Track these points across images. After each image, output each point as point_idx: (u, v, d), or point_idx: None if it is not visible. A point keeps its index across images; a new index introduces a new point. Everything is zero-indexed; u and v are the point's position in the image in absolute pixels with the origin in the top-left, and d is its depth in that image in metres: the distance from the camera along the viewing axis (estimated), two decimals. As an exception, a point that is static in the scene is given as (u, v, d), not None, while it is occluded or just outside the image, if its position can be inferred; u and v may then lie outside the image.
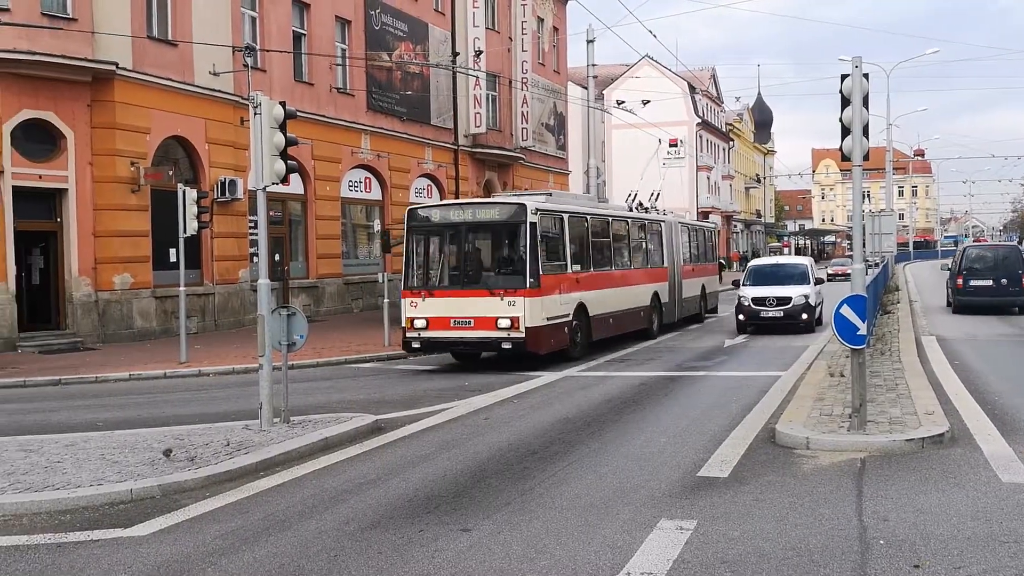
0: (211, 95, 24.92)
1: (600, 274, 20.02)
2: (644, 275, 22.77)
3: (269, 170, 11.20)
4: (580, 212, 19.73)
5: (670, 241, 24.70)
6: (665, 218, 25.23)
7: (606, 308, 19.98)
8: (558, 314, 17.69)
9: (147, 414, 13.21)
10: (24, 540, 7.11)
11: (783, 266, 25.15)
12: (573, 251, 18.60)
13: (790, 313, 22.66)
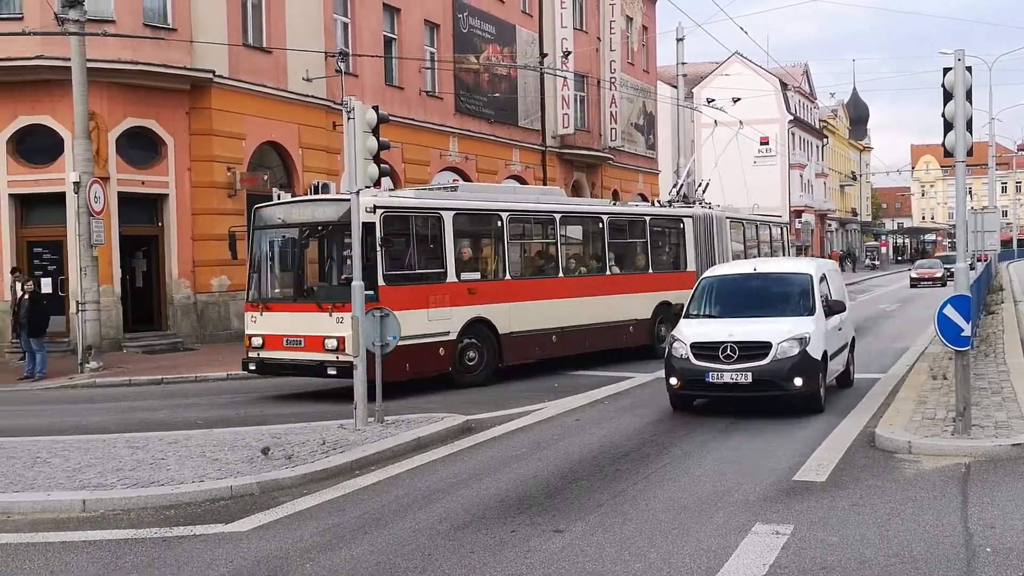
0: (304, 101, 25.41)
1: (526, 283, 16.82)
2: (639, 281, 19.18)
3: (362, 173, 11.37)
4: (479, 209, 16.42)
5: (700, 240, 20.95)
6: (691, 212, 21.14)
7: (538, 324, 16.64)
8: (424, 332, 14.53)
9: (244, 413, 13.52)
10: (132, 534, 7.35)
11: (767, 278, 13.65)
12: (464, 256, 15.84)
13: (767, 375, 11.65)
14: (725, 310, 12.84)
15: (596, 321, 17.90)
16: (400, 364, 13.95)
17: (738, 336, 11.75)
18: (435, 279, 15.05)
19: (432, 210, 15.24)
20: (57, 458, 9.71)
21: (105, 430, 11.77)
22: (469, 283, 15.53)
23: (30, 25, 19.76)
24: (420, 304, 14.60)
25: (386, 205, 14.32)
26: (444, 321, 14.99)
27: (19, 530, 7.58)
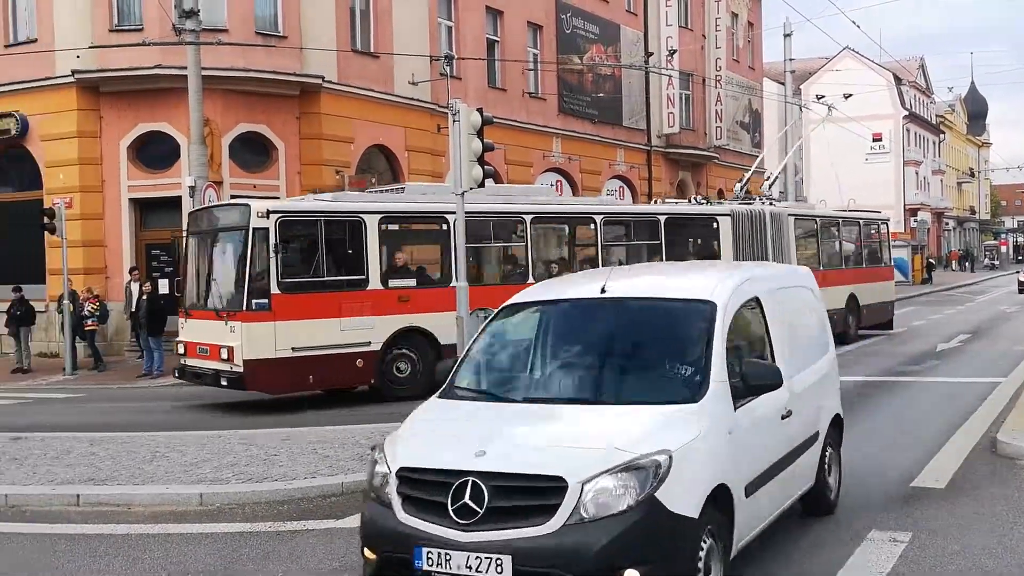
0: (410, 104, 25.75)
1: (481, 289, 14.69)
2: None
3: (467, 175, 11.48)
4: (418, 212, 15.46)
5: (742, 240, 18.96)
6: (728, 209, 19.19)
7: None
8: (334, 342, 13.85)
9: (349, 411, 13.72)
10: (247, 527, 7.56)
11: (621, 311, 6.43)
12: (398, 261, 15.09)
13: (546, 562, 4.84)
14: (512, 383, 6.46)
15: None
16: (301, 375, 13.70)
17: (496, 459, 5.16)
18: (352, 287, 14.21)
19: (350, 214, 14.39)
20: (175, 453, 10.04)
21: (219, 427, 12.11)
22: (400, 290, 14.54)
23: (150, 36, 20.49)
24: (328, 313, 13.84)
25: (282, 210, 13.83)
26: (363, 331, 14.09)
27: (140, 521, 7.87)
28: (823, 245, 21.73)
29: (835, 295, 20.35)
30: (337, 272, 14.27)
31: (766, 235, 19.52)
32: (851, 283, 21.57)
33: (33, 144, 22.74)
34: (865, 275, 22.63)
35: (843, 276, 21.53)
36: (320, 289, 13.94)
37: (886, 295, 23.57)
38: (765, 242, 19.44)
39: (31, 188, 22.96)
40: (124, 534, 7.49)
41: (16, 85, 22.54)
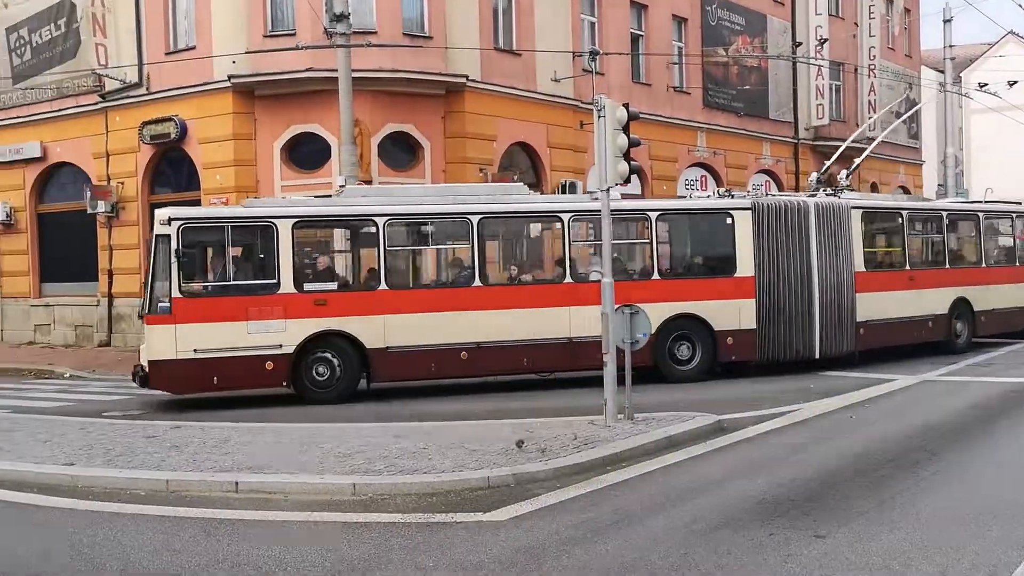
0: (552, 101, 25.77)
1: (413, 293, 15.29)
2: (635, 289, 15.15)
3: (613, 171, 11.40)
4: (339, 216, 15.53)
5: (771, 238, 16.38)
6: (747, 203, 16.64)
7: (436, 339, 14.89)
8: (242, 345, 14.01)
9: (492, 406, 13.79)
10: (398, 518, 7.71)
11: None
12: (320, 265, 15.24)
13: None
14: None
15: (543, 337, 15.26)
16: (205, 376, 13.99)
17: None
18: (261, 290, 14.33)
19: (260, 219, 14.47)
20: (327, 443, 10.34)
21: (364, 419, 12.41)
22: (317, 294, 14.45)
23: (302, 40, 21.14)
24: (234, 317, 14.05)
25: (184, 217, 14.16)
26: (273, 334, 14.17)
27: (295, 509, 8.12)
28: (911, 242, 19.13)
29: (931, 299, 18.64)
30: (245, 276, 14.56)
31: (807, 233, 16.69)
32: (958, 285, 19.28)
33: (191, 147, 23.79)
34: (983, 275, 19.91)
35: (945, 277, 19.12)
36: (225, 293, 14.30)
37: (1010, 300, 20.43)
38: (806, 241, 16.67)
39: (189, 189, 24.02)
40: (282, 521, 7.75)
41: (176, 91, 23.62)
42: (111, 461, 9.76)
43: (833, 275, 16.85)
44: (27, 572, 6.56)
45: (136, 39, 24.37)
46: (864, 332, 17.23)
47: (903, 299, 18.12)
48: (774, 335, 16.34)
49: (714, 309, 15.98)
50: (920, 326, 18.42)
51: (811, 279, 16.59)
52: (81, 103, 25.49)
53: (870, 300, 17.34)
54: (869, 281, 17.48)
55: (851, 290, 17.04)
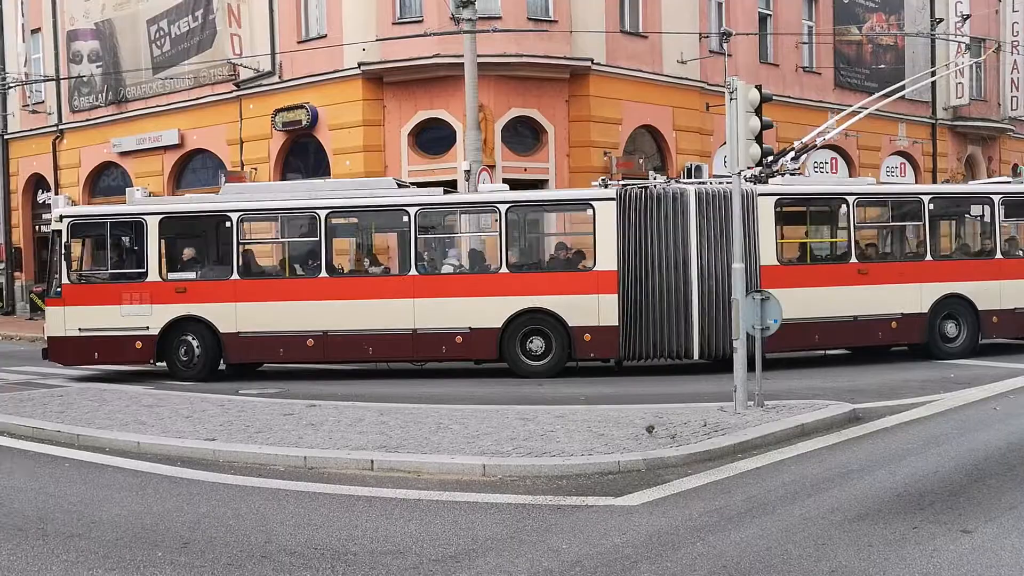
0: (678, 83, 25.44)
1: (265, 282, 16.28)
2: (478, 283, 15.89)
3: (744, 154, 11.19)
4: (199, 211, 16.64)
5: (632, 233, 15.35)
6: (610, 193, 15.51)
7: (284, 326, 15.72)
8: (115, 326, 15.83)
9: (622, 391, 13.84)
10: (528, 500, 7.76)
11: None
12: (185, 256, 16.60)
13: None
14: None
15: (387, 327, 15.62)
16: (88, 351, 16.14)
17: None
18: (132, 279, 16.09)
19: (132, 216, 16.39)
20: (457, 424, 10.47)
21: (494, 401, 12.51)
22: (178, 282, 16.04)
23: (429, 27, 21.42)
24: (111, 301, 15.99)
25: (72, 214, 16.65)
26: (142, 317, 15.87)
27: (428, 488, 8.26)
28: (862, 232, 16.84)
29: (896, 295, 16.10)
30: (120, 266, 16.43)
31: (686, 223, 15.33)
32: (948, 279, 16.39)
33: (322, 133, 24.39)
34: (990, 269, 16.77)
35: (923, 271, 16.36)
36: (103, 280, 16.41)
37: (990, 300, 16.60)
38: (684, 233, 15.32)
39: (319, 175, 24.62)
40: (415, 499, 7.89)
41: (307, 79, 24.27)
42: (251, 437, 10.11)
43: (723, 269, 14.94)
44: (177, 542, 6.85)
45: (269, 29, 25.10)
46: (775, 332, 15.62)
47: (845, 296, 15.86)
48: (641, 333, 15.34)
49: (568, 304, 15.38)
50: (876, 327, 16.04)
51: (688, 273, 15.29)
52: (217, 92, 26.42)
53: (784, 297, 14.13)
54: (785, 276, 15.52)
55: (755, 285, 14.82)
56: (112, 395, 13.69)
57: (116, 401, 12.99)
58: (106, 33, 29.27)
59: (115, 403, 12.79)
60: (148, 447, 10.02)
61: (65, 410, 12.21)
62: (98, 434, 10.58)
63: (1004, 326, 16.79)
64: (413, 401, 12.50)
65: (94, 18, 29.61)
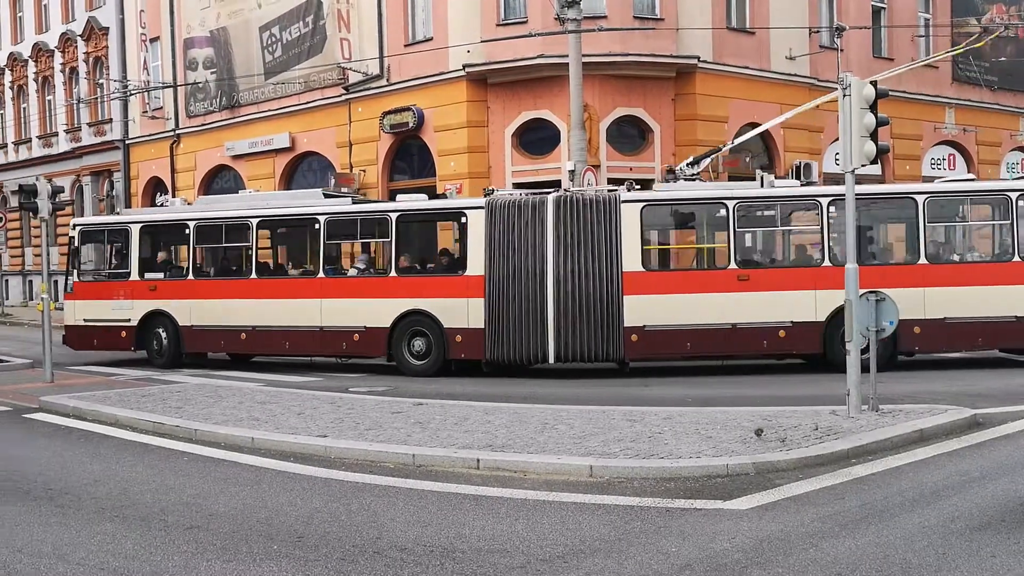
0: (786, 80, 24.95)
1: (210, 282, 18.62)
2: (372, 286, 17.12)
3: (858, 152, 10.89)
4: (166, 220, 19.27)
5: (499, 241, 15.99)
6: (481, 202, 16.35)
7: (223, 320, 18.00)
8: (107, 318, 18.87)
9: (730, 393, 13.65)
10: (636, 502, 7.70)
11: None
12: (159, 259, 19.29)
13: None
14: None
15: (299, 324, 17.40)
16: (89, 338, 19.21)
17: None
18: (120, 277, 18.97)
19: (122, 224, 19.32)
20: (563, 425, 10.47)
21: (600, 401, 12.47)
22: (151, 281, 18.45)
23: (534, 28, 21.47)
24: (107, 296, 18.91)
25: (81, 223, 20.17)
26: (126, 311, 18.66)
27: (535, 488, 8.27)
28: (742, 237, 16.38)
29: (783, 303, 15.45)
30: (113, 267, 19.51)
31: (544, 230, 15.71)
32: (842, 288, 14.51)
33: (427, 135, 24.68)
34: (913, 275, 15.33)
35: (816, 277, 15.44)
36: (101, 279, 19.67)
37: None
38: (541, 239, 15.70)
39: (425, 175, 24.94)
40: (522, 499, 7.92)
41: (413, 81, 24.59)
42: (361, 435, 10.29)
43: (581, 275, 15.47)
44: (291, 536, 7.02)
45: (377, 33, 25.53)
46: (638, 339, 15.48)
47: (722, 303, 15.44)
48: (503, 336, 15.86)
49: (444, 307, 16.29)
50: (760, 336, 15.52)
51: (545, 280, 15.63)
52: (327, 95, 26.99)
53: (650, 303, 15.45)
54: (649, 282, 15.63)
55: (615, 292, 15.40)
56: (227, 392, 14.12)
57: (231, 398, 13.39)
58: (220, 40, 30.20)
59: (230, 400, 13.18)
60: (262, 442, 10.29)
61: (183, 406, 12.64)
62: (214, 429, 10.92)
63: (928, 339, 15.46)
64: (519, 401, 12.56)
65: (209, 26, 30.58)
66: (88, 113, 36.88)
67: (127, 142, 34.92)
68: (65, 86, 38.45)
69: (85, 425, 12.08)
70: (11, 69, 41.78)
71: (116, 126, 35.24)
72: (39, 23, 39.91)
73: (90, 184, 37.21)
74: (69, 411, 12.85)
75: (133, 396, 13.77)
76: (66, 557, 6.63)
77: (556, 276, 15.59)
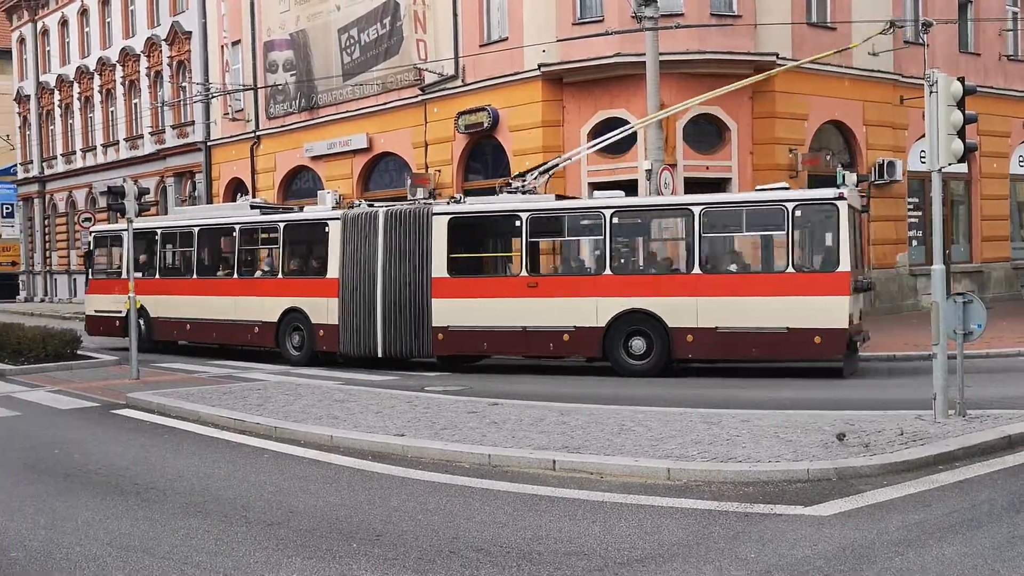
0: (868, 76, 24.46)
1: (167, 281, 21.89)
2: (267, 286, 19.97)
3: (945, 150, 10.60)
4: (142, 229, 21.21)
5: (350, 249, 18.27)
6: (339, 214, 18.65)
7: (176, 313, 21.43)
8: (108, 310, 22.42)
9: (810, 395, 13.39)
10: (715, 506, 7.60)
11: None
12: (140, 260, 21.80)
13: None
14: None
15: (224, 318, 20.44)
16: (98, 326, 23.21)
17: None
18: (118, 276, 22.22)
19: (117, 231, 22.78)
20: (640, 427, 10.39)
21: (678, 403, 12.35)
22: (137, 280, 18.96)
23: (610, 26, 21.37)
24: (107, 292, 22.59)
25: (95, 230, 24.79)
26: (118, 304, 21.28)
27: (611, 490, 8.21)
28: (532, 247, 17.25)
29: (574, 309, 16.28)
30: (114, 267, 23.16)
31: (376, 240, 17.96)
32: (622, 295, 15.94)
33: (502, 134, 24.74)
34: (682, 285, 15.68)
35: (597, 285, 16.24)
36: (106, 276, 23.22)
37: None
38: (375, 248, 17.98)
39: (500, 175, 24.95)
40: (598, 501, 7.87)
41: (489, 81, 24.67)
42: (437, 434, 10.35)
43: (403, 280, 17.63)
44: (370, 534, 7.09)
45: (453, 33, 25.67)
46: (444, 338, 17.23)
47: (515, 307, 16.67)
48: (349, 332, 18.28)
49: (312, 305, 18.86)
50: (547, 339, 16.56)
51: (375, 283, 17.92)
52: (403, 96, 27.25)
53: (453, 306, 17.17)
54: (453, 287, 17.20)
55: (426, 295, 17.33)
56: (305, 390, 14.32)
57: (309, 396, 13.58)
58: (300, 43, 30.68)
59: (308, 397, 13.37)
60: (340, 441, 10.42)
61: (263, 403, 12.86)
62: (294, 427, 11.09)
63: (701, 347, 15.62)
64: (594, 401, 12.50)
65: (289, 29, 31.10)
66: (172, 116, 37.80)
67: (209, 144, 35.70)
68: (150, 89, 39.47)
69: (169, 421, 12.38)
70: (100, 73, 43.02)
71: (198, 128, 36.06)
72: (126, 28, 41.01)
73: (173, 185, 38.14)
74: (154, 407, 13.18)
75: (215, 393, 14.05)
76: (152, 551, 6.79)
77: (384, 281, 17.82)
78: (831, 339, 14.61)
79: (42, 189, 48.59)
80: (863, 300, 16.77)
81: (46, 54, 47.64)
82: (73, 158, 45.63)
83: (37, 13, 47.79)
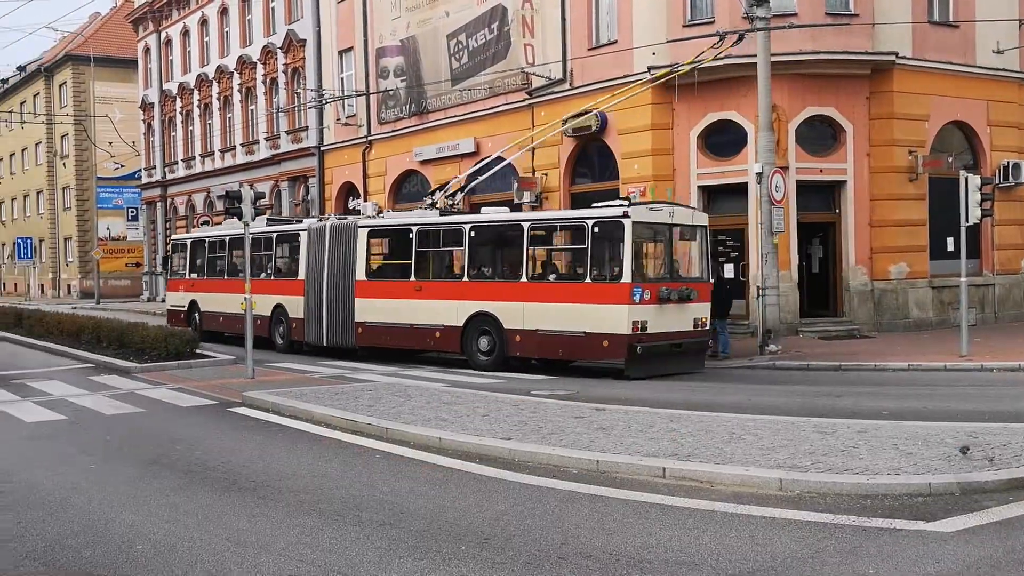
0: (993, 75, 23.59)
1: (209, 281, 25.66)
2: (271, 286, 22.96)
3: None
4: (199, 237, 26.73)
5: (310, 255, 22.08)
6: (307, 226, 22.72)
7: (217, 307, 24.73)
8: (179, 304, 26.83)
9: (930, 406, 12.95)
10: (830, 519, 7.40)
11: None
12: (191, 264, 26.52)
13: None
14: None
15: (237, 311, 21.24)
16: (172, 319, 26.63)
17: None
18: (182, 277, 27.04)
19: (183, 240, 28.14)
20: (750, 435, 10.19)
21: (789, 412, 12.07)
22: (191, 280, 25.54)
23: (720, 27, 21.04)
24: (176, 290, 27.60)
25: (173, 239, 30.36)
26: (184, 299, 26.85)
27: (723, 500, 8.07)
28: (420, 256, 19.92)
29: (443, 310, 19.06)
30: (183, 269, 27.18)
31: (325, 248, 21.52)
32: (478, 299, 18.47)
33: (611, 138, 24.63)
34: (514, 291, 17.99)
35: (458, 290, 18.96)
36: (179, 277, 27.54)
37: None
38: (324, 255, 21.53)
39: (606, 179, 24.92)
40: (709, 510, 7.75)
41: (597, 85, 24.57)
42: (544, 439, 10.33)
43: (339, 282, 21.03)
44: (478, 537, 7.12)
45: (561, 37, 25.69)
46: (363, 332, 20.55)
47: (405, 307, 19.72)
48: (310, 325, 21.84)
49: (289, 302, 22.45)
50: (425, 335, 19.45)
51: (322, 284, 21.47)
52: (511, 100, 27.39)
53: (368, 305, 20.44)
54: (368, 289, 20.56)
55: (352, 295, 20.64)
56: (415, 391, 14.50)
57: (419, 397, 13.74)
58: (410, 49, 31.13)
59: (418, 399, 13.53)
60: (449, 443, 10.50)
61: (374, 404, 13.06)
62: (404, 428, 11.23)
63: (525, 347, 17.80)
64: (704, 409, 12.32)
65: (400, 35, 31.59)
66: (286, 121, 38.79)
67: (322, 148, 36.52)
68: (266, 96, 40.61)
69: (283, 420, 12.68)
70: (218, 81, 44.47)
71: (312, 133, 36.92)
72: (243, 37, 42.29)
73: (287, 189, 39.15)
74: (268, 406, 13.53)
75: (327, 393, 14.34)
76: (268, 547, 6.96)
77: (328, 282, 21.29)
78: (615, 343, 16.47)
79: (164, 193, 50.50)
80: (685, 309, 17.12)
81: (169, 63, 49.50)
82: (193, 163, 47.28)
83: (161, 24, 49.69)
